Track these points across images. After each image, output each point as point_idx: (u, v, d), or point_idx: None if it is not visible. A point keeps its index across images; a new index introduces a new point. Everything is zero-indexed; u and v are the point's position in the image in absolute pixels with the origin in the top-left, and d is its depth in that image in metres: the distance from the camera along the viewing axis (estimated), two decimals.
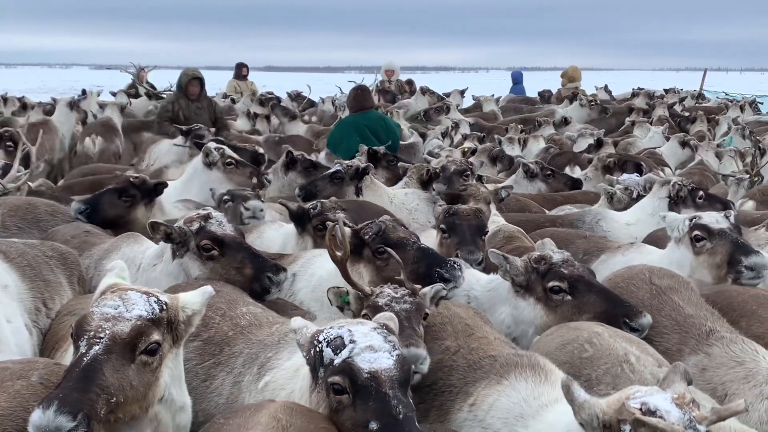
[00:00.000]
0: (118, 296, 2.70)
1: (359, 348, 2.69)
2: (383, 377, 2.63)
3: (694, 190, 6.20)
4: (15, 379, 2.84)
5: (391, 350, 2.72)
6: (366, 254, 4.28)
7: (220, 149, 7.03)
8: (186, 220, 4.40)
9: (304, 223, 5.33)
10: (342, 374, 2.65)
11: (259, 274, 4.24)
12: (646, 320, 3.84)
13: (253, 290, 4.21)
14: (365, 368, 2.63)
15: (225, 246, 4.30)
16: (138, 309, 2.66)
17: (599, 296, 3.97)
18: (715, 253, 4.74)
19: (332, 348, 2.71)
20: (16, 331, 3.70)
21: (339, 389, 2.66)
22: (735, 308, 4.20)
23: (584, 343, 3.46)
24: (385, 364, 2.66)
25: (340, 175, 6.90)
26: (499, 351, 3.35)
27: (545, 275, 4.03)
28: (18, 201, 5.81)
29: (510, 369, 3.13)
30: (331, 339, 2.73)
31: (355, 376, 2.63)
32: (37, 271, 4.15)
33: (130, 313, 2.64)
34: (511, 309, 4.14)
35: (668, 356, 3.61)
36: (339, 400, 2.67)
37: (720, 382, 3.43)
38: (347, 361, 2.66)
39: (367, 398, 2.61)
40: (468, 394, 3.18)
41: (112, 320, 2.61)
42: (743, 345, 3.58)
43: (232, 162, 6.94)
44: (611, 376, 3.24)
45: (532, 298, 4.07)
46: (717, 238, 4.76)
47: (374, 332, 2.77)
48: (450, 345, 3.46)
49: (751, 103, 18.70)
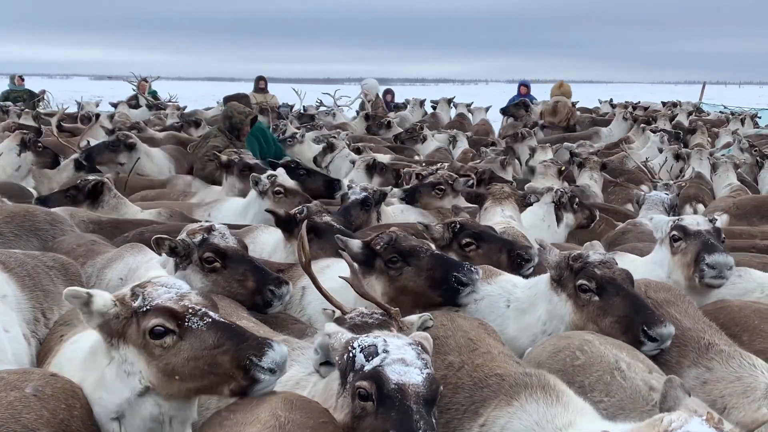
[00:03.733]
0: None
1: (391, 359, 2.73)
2: (410, 391, 2.66)
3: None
4: (8, 390, 2.82)
5: (423, 368, 2.75)
6: (378, 265, 4.24)
7: (272, 177, 7.01)
8: (189, 232, 4.38)
9: (291, 228, 5.36)
10: (370, 380, 2.69)
11: (262, 287, 4.22)
12: (666, 330, 3.78)
13: (255, 303, 4.20)
14: (394, 379, 2.67)
15: (227, 258, 4.28)
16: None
17: (625, 300, 3.93)
18: (687, 253, 4.76)
19: (365, 354, 2.76)
20: (13, 341, 3.69)
21: (364, 395, 2.69)
22: (737, 323, 4.18)
23: (576, 350, 3.48)
24: (414, 380, 2.69)
25: (369, 202, 6.84)
26: (506, 369, 3.32)
27: (578, 273, 4.04)
28: (16, 208, 5.79)
29: (520, 390, 3.10)
30: (365, 346, 2.78)
31: (382, 384, 2.67)
32: (36, 282, 4.14)
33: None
34: (547, 304, 4.15)
35: (668, 369, 3.61)
36: (363, 406, 2.70)
37: (720, 395, 3.42)
38: (377, 369, 2.70)
39: (391, 408, 2.63)
40: (477, 414, 3.15)
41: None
42: (741, 359, 3.57)
43: (281, 191, 6.95)
44: (603, 383, 3.26)
45: (564, 294, 4.09)
46: (691, 239, 4.77)
47: (408, 347, 2.81)
48: (453, 360, 3.44)
49: (753, 116, 18.71)
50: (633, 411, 3.12)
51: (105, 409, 2.95)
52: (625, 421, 2.99)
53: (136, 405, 2.92)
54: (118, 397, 2.92)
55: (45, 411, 2.81)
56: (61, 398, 2.91)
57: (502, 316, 4.27)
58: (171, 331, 2.84)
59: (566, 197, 6.97)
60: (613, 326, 3.89)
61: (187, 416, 3.01)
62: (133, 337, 2.89)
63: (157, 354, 2.86)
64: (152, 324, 2.84)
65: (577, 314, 4.03)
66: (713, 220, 4.98)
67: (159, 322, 2.84)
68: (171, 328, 2.84)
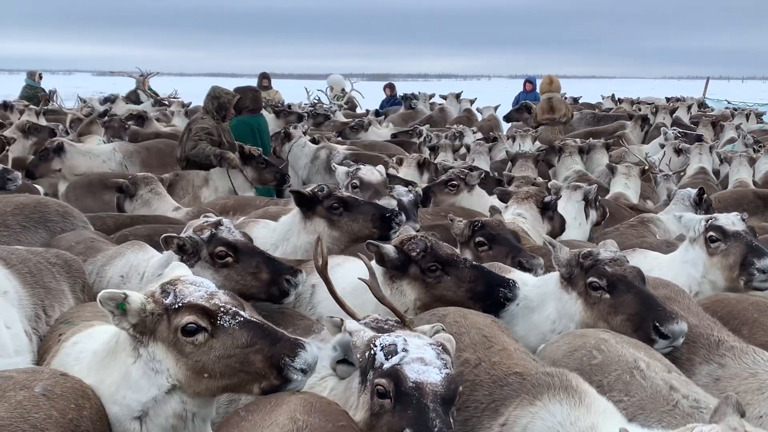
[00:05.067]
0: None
1: (410, 357, 2.77)
2: (428, 390, 2.69)
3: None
4: (18, 389, 2.81)
5: (442, 367, 2.78)
6: (413, 272, 4.22)
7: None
8: (196, 228, 4.36)
9: (313, 207, 5.37)
10: (388, 378, 2.73)
11: (277, 277, 4.24)
12: (678, 327, 3.74)
13: (271, 294, 4.22)
14: (412, 377, 2.71)
15: (239, 252, 4.28)
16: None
17: (636, 298, 3.91)
18: (729, 255, 4.73)
19: (385, 353, 2.81)
20: (15, 337, 3.68)
21: (382, 392, 2.74)
22: (736, 316, 4.18)
23: (592, 349, 3.45)
24: (432, 379, 2.72)
25: (419, 201, 6.77)
26: (525, 367, 3.29)
27: (588, 270, 4.01)
28: (27, 199, 5.71)
29: (542, 390, 3.07)
30: (386, 345, 2.83)
31: (400, 382, 2.71)
32: (38, 278, 4.12)
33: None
34: (556, 302, 4.13)
35: (678, 366, 3.57)
36: (381, 403, 2.74)
37: (734, 392, 3.30)
38: (396, 367, 2.75)
39: (408, 406, 2.67)
40: (498, 413, 3.13)
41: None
42: (755, 356, 3.55)
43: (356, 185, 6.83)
44: (623, 383, 3.23)
45: (575, 292, 4.06)
46: (731, 240, 4.75)
47: (429, 347, 2.84)
48: (469, 357, 3.42)
49: (759, 115, 18.65)
50: (654, 411, 3.09)
51: (128, 408, 2.95)
52: (647, 421, 2.99)
53: (162, 403, 2.92)
54: (144, 395, 2.92)
55: (54, 411, 2.80)
56: (70, 398, 2.90)
57: (511, 314, 4.22)
58: (203, 329, 2.85)
59: (593, 194, 7.02)
60: (624, 324, 3.86)
61: (208, 413, 3.04)
62: (163, 334, 2.89)
63: (187, 351, 2.86)
64: (186, 321, 2.84)
65: (588, 312, 4.00)
66: (744, 218, 4.96)
67: (192, 319, 2.84)
68: (203, 325, 2.84)
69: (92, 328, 3.47)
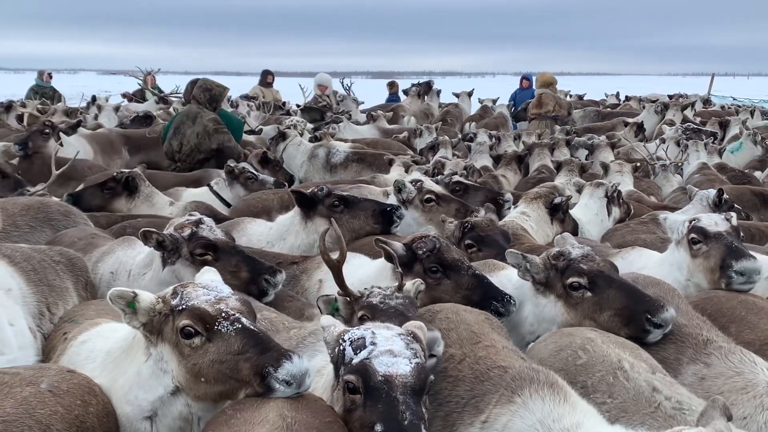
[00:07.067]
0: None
1: (379, 350, 2.75)
2: (397, 382, 2.68)
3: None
4: (24, 386, 2.85)
5: (411, 357, 2.76)
6: (417, 269, 4.23)
7: (417, 182, 6.50)
8: (177, 227, 4.40)
9: (314, 208, 5.44)
10: (357, 374, 2.72)
11: (256, 276, 4.30)
12: (668, 314, 3.72)
13: (249, 293, 4.23)
14: (380, 371, 2.69)
15: (219, 250, 4.33)
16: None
17: (620, 292, 3.87)
18: (709, 257, 4.61)
19: (353, 348, 2.78)
20: (18, 334, 3.71)
21: (352, 388, 2.73)
22: (724, 314, 4.14)
23: (578, 349, 3.42)
24: (401, 370, 2.71)
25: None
26: (510, 362, 3.23)
27: (564, 271, 3.96)
28: (30, 201, 5.85)
29: (524, 384, 3.00)
30: (354, 339, 2.81)
31: (369, 377, 2.69)
32: (41, 276, 4.17)
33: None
34: (533, 307, 4.09)
35: (666, 366, 3.56)
36: (352, 399, 2.73)
37: (718, 391, 3.35)
38: (364, 362, 2.73)
39: (377, 400, 2.66)
40: (479, 410, 3.07)
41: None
42: (742, 356, 3.52)
43: (432, 198, 6.59)
44: (606, 384, 3.20)
45: (553, 296, 4.02)
46: (712, 241, 4.63)
47: (398, 337, 2.82)
48: (455, 353, 3.37)
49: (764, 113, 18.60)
50: (636, 413, 3.06)
51: (139, 407, 3.02)
52: (629, 423, 2.95)
53: (168, 404, 2.99)
54: (152, 394, 2.99)
55: (59, 407, 2.85)
56: (76, 394, 2.95)
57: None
58: (199, 333, 2.90)
59: (616, 192, 7.01)
60: (612, 319, 3.83)
61: None
62: (168, 334, 2.96)
63: (186, 353, 2.92)
64: (183, 324, 2.91)
65: (571, 314, 3.95)
66: (730, 218, 4.81)
67: (189, 322, 2.90)
68: (199, 330, 2.90)
69: (99, 327, 3.51)
